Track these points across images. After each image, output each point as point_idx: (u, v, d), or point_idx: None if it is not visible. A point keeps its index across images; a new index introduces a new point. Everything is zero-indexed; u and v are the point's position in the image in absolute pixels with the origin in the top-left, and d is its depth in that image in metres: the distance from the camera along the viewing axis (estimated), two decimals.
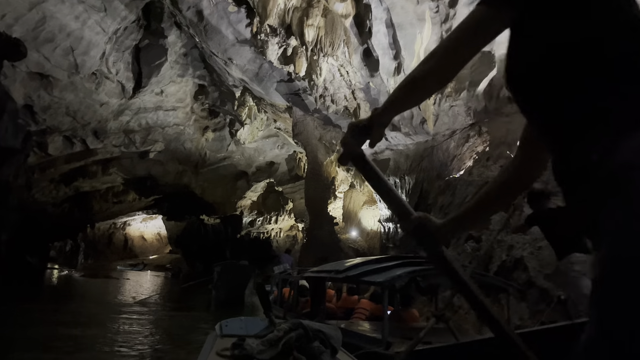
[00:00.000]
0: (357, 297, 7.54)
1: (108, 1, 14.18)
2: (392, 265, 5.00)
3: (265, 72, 13.68)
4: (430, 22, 12.48)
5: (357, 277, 5.15)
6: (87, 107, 17.18)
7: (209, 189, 24.94)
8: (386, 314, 4.56)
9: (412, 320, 5.76)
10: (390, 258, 5.84)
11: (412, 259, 5.55)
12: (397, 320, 5.64)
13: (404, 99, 1.20)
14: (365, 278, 5.03)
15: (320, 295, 5.96)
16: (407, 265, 5.06)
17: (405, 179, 14.55)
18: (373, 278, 4.91)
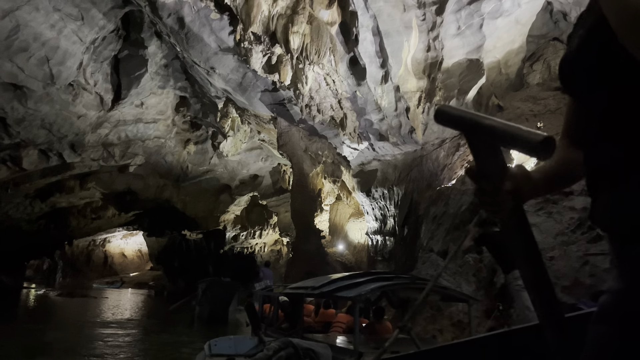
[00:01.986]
0: (334, 311, 7.97)
1: (85, 10, 13.73)
2: (364, 281, 5.47)
3: (249, 81, 13.30)
4: (417, 30, 12.28)
5: (331, 293, 5.55)
6: (64, 120, 16.59)
7: (191, 204, 24.34)
8: (357, 326, 5.01)
9: (385, 332, 6.16)
10: (363, 274, 6.32)
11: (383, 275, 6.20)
12: (371, 332, 6.19)
13: None
14: (338, 293, 5.44)
15: (298, 310, 6.43)
16: (378, 280, 5.58)
17: (393, 189, 14.23)
18: (346, 293, 5.35)
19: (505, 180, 0.94)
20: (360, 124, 13.54)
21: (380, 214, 15.33)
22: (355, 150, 14.88)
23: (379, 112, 13.04)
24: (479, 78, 12.27)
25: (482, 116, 0.90)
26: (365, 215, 16.67)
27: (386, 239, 15.13)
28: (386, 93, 12.67)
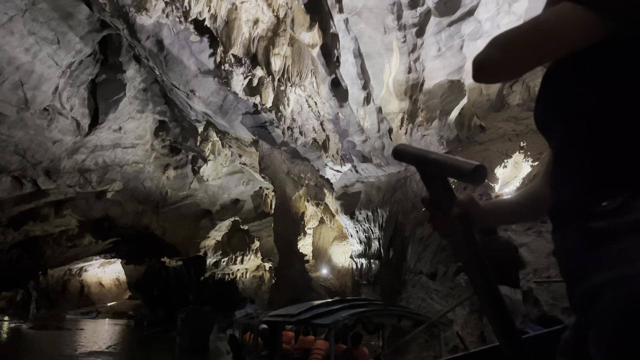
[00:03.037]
0: (313, 338, 8.15)
1: (62, 33, 13.50)
2: (339, 308, 5.79)
3: (230, 104, 13.12)
4: (398, 52, 12.31)
5: (308, 320, 5.77)
6: (39, 145, 16.15)
7: (171, 230, 23.82)
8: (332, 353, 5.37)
9: (362, 358, 6.43)
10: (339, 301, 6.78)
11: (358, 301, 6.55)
12: (349, 358, 6.40)
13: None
14: (315, 320, 5.68)
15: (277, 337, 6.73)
16: (353, 307, 5.88)
17: (378, 211, 14.06)
18: (322, 320, 5.58)
19: (453, 207, 1.08)
20: (343, 146, 13.42)
21: (364, 236, 15.12)
22: (338, 173, 14.73)
23: (361, 133, 12.95)
24: (461, 99, 12.28)
25: (428, 152, 1.07)
26: (350, 238, 16.44)
27: (371, 262, 14.89)
28: (369, 114, 12.60)
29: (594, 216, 0.94)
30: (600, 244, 0.92)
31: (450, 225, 1.10)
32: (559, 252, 1.06)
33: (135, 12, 10.30)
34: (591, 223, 0.94)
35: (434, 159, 1.03)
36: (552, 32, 0.94)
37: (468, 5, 11.20)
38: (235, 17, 10.70)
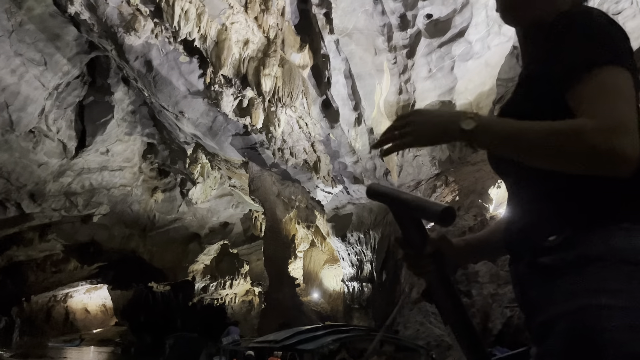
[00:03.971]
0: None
1: (49, 55, 13.35)
2: (323, 333, 5.93)
3: (220, 125, 12.97)
4: (389, 73, 12.31)
5: (292, 346, 5.89)
6: (23, 168, 15.82)
7: (158, 254, 23.35)
8: None
9: None
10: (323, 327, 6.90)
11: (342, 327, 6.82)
12: None
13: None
14: (299, 346, 5.77)
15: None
16: (337, 332, 6.07)
17: (370, 233, 13.87)
18: (305, 346, 5.70)
19: (426, 246, 1.11)
20: (334, 167, 13.28)
21: (356, 259, 14.88)
22: (329, 194, 14.56)
23: (353, 154, 12.84)
24: None
25: (400, 192, 1.12)
26: (341, 261, 16.18)
27: (363, 285, 14.62)
28: (360, 135, 12.51)
29: (541, 251, 0.99)
30: (548, 278, 0.96)
31: (424, 265, 1.14)
32: (515, 285, 1.11)
33: (124, 32, 10.20)
34: (539, 258, 0.99)
35: (405, 200, 1.08)
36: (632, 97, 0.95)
37: (458, 27, 11.25)
38: (225, 38, 10.64)
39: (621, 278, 0.90)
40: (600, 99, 0.93)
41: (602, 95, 0.93)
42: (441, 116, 1.04)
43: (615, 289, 0.89)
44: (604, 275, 0.91)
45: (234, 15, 10.56)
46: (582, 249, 0.93)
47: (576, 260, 0.93)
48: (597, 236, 0.94)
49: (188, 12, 10.01)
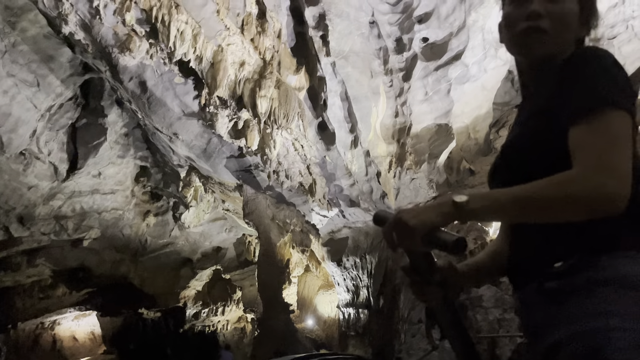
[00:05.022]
0: None
1: (42, 76, 13.20)
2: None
3: (214, 147, 12.80)
4: (385, 96, 12.28)
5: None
6: (13, 191, 15.49)
7: (149, 279, 22.88)
8: None
9: None
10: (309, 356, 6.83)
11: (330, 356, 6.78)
12: None
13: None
14: None
15: None
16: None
17: (366, 258, 13.62)
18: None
19: (434, 274, 1.11)
20: (330, 190, 13.11)
21: (352, 284, 14.58)
22: (325, 218, 14.35)
23: (349, 177, 12.69)
24: (449, 142, 12.18)
25: None
26: (336, 287, 15.86)
27: (359, 311, 14.30)
28: (356, 158, 12.39)
29: (548, 277, 1.02)
30: (555, 303, 0.99)
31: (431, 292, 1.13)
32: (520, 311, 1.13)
33: (119, 52, 10.09)
34: (546, 283, 1.02)
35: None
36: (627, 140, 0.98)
37: (455, 50, 11.26)
38: (221, 59, 10.55)
39: (628, 302, 0.92)
40: (592, 145, 0.97)
41: (594, 141, 0.97)
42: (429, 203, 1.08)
43: (623, 312, 0.91)
44: (612, 298, 0.93)
45: (230, 36, 10.50)
46: (589, 274, 0.96)
47: (584, 285, 0.96)
48: (603, 262, 0.97)
49: (184, 33, 9.93)
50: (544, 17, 1.18)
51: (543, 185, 0.96)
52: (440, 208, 1.02)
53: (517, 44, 1.24)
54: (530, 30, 1.19)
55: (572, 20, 1.19)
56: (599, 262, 0.97)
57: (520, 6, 1.23)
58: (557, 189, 0.95)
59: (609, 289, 0.94)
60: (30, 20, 11.86)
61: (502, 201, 1.00)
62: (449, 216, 1.02)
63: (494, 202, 1.01)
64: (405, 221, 1.01)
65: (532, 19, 1.19)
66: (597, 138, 0.97)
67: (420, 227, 1.01)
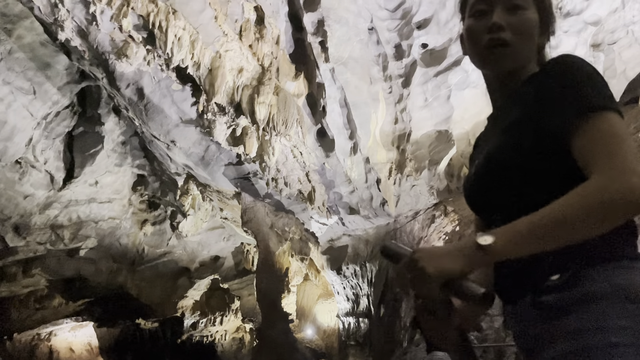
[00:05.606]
0: None
1: (38, 84, 13.11)
2: None
3: (212, 154, 12.68)
4: (384, 102, 12.19)
5: None
6: (8, 200, 15.33)
7: (147, 289, 22.65)
8: None
9: None
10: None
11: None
12: None
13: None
14: None
15: None
16: None
17: (366, 266, 13.46)
18: None
19: (452, 318, 1.03)
20: (329, 197, 12.98)
21: (352, 293, 14.40)
22: (324, 226, 14.20)
23: (348, 184, 12.56)
24: (449, 149, 12.07)
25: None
26: (336, 296, 15.68)
27: (359, 320, 14.11)
28: (356, 164, 12.27)
29: (544, 290, 1.00)
30: (552, 318, 0.97)
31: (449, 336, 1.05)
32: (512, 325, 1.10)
33: (116, 59, 9.99)
34: (542, 297, 1.00)
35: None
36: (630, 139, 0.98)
37: (454, 56, 11.19)
38: (219, 65, 10.46)
39: (626, 316, 0.91)
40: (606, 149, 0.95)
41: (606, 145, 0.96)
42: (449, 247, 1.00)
43: (621, 326, 0.90)
44: (610, 313, 0.92)
45: (228, 42, 10.42)
46: (585, 288, 0.95)
47: (581, 299, 0.94)
48: (598, 274, 0.96)
49: (181, 39, 9.85)
50: (505, 29, 1.18)
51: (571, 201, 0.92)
52: (463, 253, 0.96)
53: (481, 58, 1.25)
54: (493, 43, 1.19)
55: (533, 30, 1.21)
56: (595, 275, 0.96)
57: (481, 19, 1.22)
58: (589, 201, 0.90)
59: (606, 303, 0.93)
60: (27, 28, 11.78)
61: (535, 232, 0.93)
62: (474, 262, 0.96)
63: (525, 236, 0.94)
64: (422, 267, 0.95)
65: (493, 31, 1.19)
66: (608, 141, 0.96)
67: (439, 276, 0.95)
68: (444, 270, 0.94)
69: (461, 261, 0.95)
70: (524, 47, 1.20)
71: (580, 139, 0.98)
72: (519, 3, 1.20)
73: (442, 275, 0.94)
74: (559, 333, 0.94)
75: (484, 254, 0.94)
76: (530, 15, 1.20)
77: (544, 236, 0.92)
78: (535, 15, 1.21)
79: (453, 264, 0.95)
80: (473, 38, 1.24)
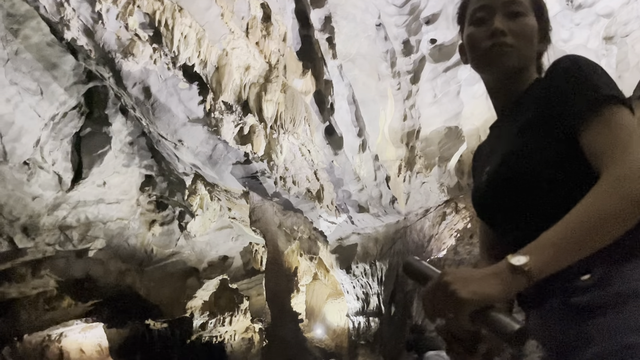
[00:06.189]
0: None
1: (45, 84, 13.08)
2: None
3: (220, 153, 12.59)
4: (393, 99, 12.06)
5: None
6: (17, 201, 15.33)
7: (155, 289, 22.64)
8: None
9: None
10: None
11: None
12: None
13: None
14: None
15: None
16: None
17: (376, 265, 13.32)
18: None
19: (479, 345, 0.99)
20: (338, 196, 12.85)
21: (362, 292, 14.27)
22: (333, 224, 14.08)
23: (357, 182, 12.43)
24: (460, 145, 11.91)
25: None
26: (345, 295, 15.56)
27: (370, 320, 13.97)
28: (364, 162, 12.13)
29: (574, 291, 0.96)
30: (585, 319, 0.93)
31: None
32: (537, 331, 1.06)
33: (122, 57, 9.92)
34: (573, 298, 0.96)
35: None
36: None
37: None
38: (225, 63, 10.37)
39: None
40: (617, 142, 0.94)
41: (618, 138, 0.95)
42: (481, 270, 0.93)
43: None
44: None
45: (235, 40, 10.33)
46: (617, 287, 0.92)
47: (616, 297, 0.91)
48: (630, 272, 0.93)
49: (188, 37, 9.76)
50: (507, 34, 1.20)
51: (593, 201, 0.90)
52: (500, 277, 0.89)
53: (484, 61, 1.25)
54: (496, 47, 1.21)
55: (533, 35, 1.23)
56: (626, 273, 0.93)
57: (482, 26, 1.24)
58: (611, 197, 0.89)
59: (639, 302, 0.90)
60: (33, 28, 11.75)
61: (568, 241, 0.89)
62: (513, 286, 0.88)
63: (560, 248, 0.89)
64: (453, 291, 0.87)
65: (496, 36, 1.20)
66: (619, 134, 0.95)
67: (472, 303, 0.86)
68: (480, 295, 0.86)
69: (498, 286, 0.88)
70: (525, 50, 1.21)
71: (590, 133, 0.98)
72: (519, 10, 1.22)
73: (476, 301, 0.86)
74: (596, 333, 0.90)
75: (522, 275, 0.87)
76: (529, 21, 1.23)
77: (578, 243, 0.89)
78: (534, 22, 1.24)
79: (489, 289, 0.87)
80: (474, 44, 1.26)
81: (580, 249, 0.89)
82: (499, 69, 1.23)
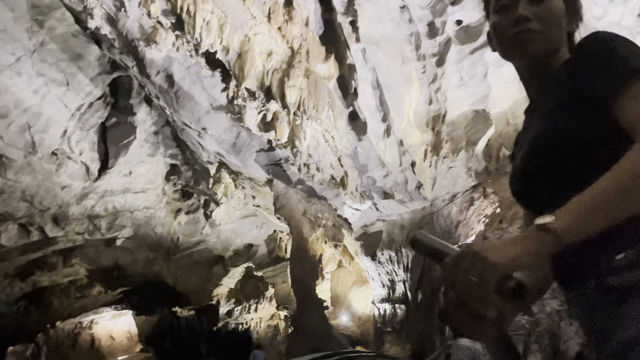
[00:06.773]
0: None
1: (71, 75, 13.19)
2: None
3: (244, 141, 12.56)
4: (418, 83, 11.81)
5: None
6: (46, 191, 15.61)
7: (182, 277, 22.94)
8: None
9: None
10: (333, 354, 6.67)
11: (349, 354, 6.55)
12: None
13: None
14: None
15: None
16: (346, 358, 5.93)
17: (402, 251, 13.17)
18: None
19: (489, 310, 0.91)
20: (362, 182, 12.71)
21: (387, 279, 14.15)
22: (358, 211, 13.96)
23: (382, 168, 12.26)
24: (487, 129, 11.62)
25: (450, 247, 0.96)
26: (371, 282, 15.46)
27: (396, 307, 13.86)
28: (389, 147, 11.95)
29: (609, 272, 0.94)
30: (620, 300, 0.91)
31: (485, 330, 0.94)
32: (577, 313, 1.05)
33: (145, 45, 9.92)
34: (607, 279, 0.94)
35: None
36: None
37: None
38: (248, 49, 10.28)
39: None
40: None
41: None
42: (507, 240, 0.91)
43: None
44: None
45: (257, 26, 10.22)
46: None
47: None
48: None
49: (210, 23, 9.69)
50: (531, 19, 1.17)
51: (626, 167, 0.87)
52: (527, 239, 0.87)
53: (511, 47, 1.23)
54: (521, 34, 1.19)
55: (560, 18, 1.20)
56: None
57: (506, 13, 1.22)
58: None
59: None
60: (58, 19, 11.83)
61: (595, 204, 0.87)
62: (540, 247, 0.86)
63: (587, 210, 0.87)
64: (485, 257, 0.85)
65: (520, 23, 1.18)
66: None
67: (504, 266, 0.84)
68: (511, 258, 0.85)
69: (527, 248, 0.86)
70: (552, 33, 1.19)
71: (624, 103, 0.96)
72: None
73: (508, 264, 0.85)
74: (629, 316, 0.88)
75: (548, 235, 0.85)
76: (555, 3, 1.19)
77: (606, 207, 0.87)
78: (561, 3, 1.20)
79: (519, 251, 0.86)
80: (500, 32, 1.24)
81: (607, 215, 0.86)
82: (527, 55, 1.22)
